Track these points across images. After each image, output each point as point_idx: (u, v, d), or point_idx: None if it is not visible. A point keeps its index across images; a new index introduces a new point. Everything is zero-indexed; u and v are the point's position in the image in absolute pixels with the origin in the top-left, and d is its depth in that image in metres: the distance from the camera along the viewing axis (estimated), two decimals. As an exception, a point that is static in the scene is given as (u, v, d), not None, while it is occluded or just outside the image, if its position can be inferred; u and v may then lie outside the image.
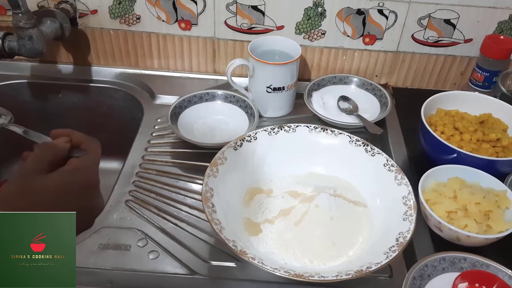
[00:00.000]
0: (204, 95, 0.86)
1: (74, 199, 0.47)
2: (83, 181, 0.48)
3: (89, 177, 0.49)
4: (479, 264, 0.59)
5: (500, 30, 0.88)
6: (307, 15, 0.87)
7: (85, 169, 0.48)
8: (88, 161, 0.49)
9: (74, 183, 0.47)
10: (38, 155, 0.49)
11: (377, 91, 0.91)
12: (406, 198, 0.64)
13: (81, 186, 0.47)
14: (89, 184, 0.49)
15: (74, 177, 0.47)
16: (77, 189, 0.47)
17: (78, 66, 0.96)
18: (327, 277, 0.54)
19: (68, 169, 0.47)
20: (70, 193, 0.46)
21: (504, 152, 0.72)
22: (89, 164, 0.49)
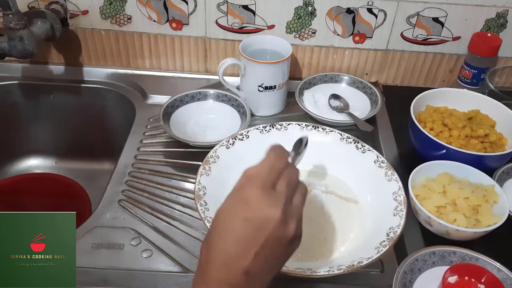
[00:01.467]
0: (196, 95, 0.87)
1: None
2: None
3: None
4: (468, 258, 0.60)
5: (488, 27, 0.89)
6: (297, 14, 0.88)
7: None
8: None
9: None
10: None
11: (368, 89, 0.91)
12: (396, 194, 0.65)
13: None
14: None
15: None
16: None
17: (69, 66, 0.96)
18: (319, 272, 0.54)
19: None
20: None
21: (492, 148, 0.74)
22: None
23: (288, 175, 0.44)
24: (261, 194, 0.41)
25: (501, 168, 0.73)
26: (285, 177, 0.44)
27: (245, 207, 0.41)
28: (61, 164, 1.04)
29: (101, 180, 0.82)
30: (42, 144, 1.02)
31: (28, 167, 1.03)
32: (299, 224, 0.44)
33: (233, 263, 0.40)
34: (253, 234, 0.40)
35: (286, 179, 0.43)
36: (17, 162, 1.03)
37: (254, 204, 0.41)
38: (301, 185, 0.46)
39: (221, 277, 0.41)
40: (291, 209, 0.43)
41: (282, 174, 0.44)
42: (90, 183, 0.97)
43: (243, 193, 0.42)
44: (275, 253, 0.42)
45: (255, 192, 0.41)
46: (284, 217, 0.41)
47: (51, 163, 1.04)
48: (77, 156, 1.03)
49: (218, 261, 0.41)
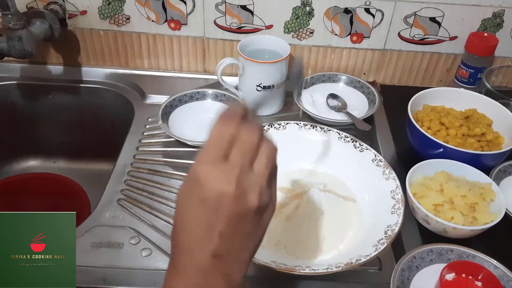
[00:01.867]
0: (195, 94, 0.87)
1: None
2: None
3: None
4: (466, 255, 0.61)
5: (484, 27, 0.90)
6: (295, 14, 0.89)
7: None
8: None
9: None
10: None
11: (365, 88, 0.92)
12: (394, 192, 0.65)
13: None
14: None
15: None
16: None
17: (68, 66, 0.96)
18: (317, 269, 0.55)
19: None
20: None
21: (488, 146, 0.74)
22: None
23: (243, 139, 0.38)
24: (210, 170, 0.37)
25: (498, 167, 0.74)
26: (239, 143, 0.38)
27: (196, 187, 0.37)
28: (60, 164, 1.04)
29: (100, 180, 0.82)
30: (41, 144, 1.02)
31: (27, 167, 1.03)
32: (265, 191, 0.39)
33: (199, 247, 0.38)
34: (211, 215, 0.37)
35: (240, 146, 0.38)
36: (16, 162, 1.03)
37: (204, 182, 0.37)
38: (263, 145, 0.39)
39: (191, 263, 0.38)
40: (250, 178, 0.38)
41: (235, 140, 0.38)
42: (88, 183, 0.97)
43: (193, 173, 0.38)
44: (242, 230, 0.38)
45: (204, 169, 0.37)
46: (241, 190, 0.37)
47: (49, 163, 1.04)
48: (76, 156, 1.03)
49: (184, 247, 0.39)
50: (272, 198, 0.40)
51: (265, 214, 0.40)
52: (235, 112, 0.39)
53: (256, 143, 0.39)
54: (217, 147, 0.37)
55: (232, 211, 0.37)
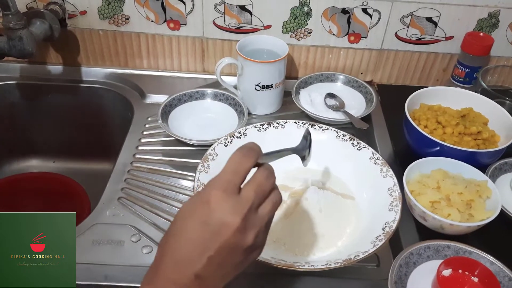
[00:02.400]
0: (194, 94, 0.88)
1: None
2: None
3: None
4: (462, 251, 0.62)
5: (480, 27, 0.91)
6: (293, 14, 0.89)
7: None
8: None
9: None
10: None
11: (363, 88, 0.93)
12: (391, 190, 0.66)
13: None
14: None
15: None
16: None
17: (67, 66, 0.97)
18: (316, 266, 0.55)
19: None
20: None
21: (484, 145, 0.75)
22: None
23: (260, 181, 0.41)
24: (222, 197, 0.39)
25: (494, 164, 0.75)
26: (253, 181, 0.40)
27: (204, 209, 0.39)
28: (59, 163, 1.04)
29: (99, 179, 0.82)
30: (40, 144, 1.03)
31: (26, 167, 1.04)
32: (262, 234, 0.41)
33: (185, 265, 0.39)
34: (208, 239, 0.39)
35: (254, 184, 0.40)
36: (15, 161, 1.04)
37: (213, 207, 0.38)
38: (274, 193, 0.42)
39: (171, 277, 0.39)
40: (254, 217, 0.40)
41: (252, 177, 0.41)
42: (88, 182, 0.97)
43: (204, 194, 0.39)
44: (230, 261, 0.40)
45: (216, 194, 0.39)
46: (243, 226, 0.39)
47: (49, 163, 1.04)
48: (75, 155, 1.04)
49: (170, 260, 0.40)
50: (263, 241, 0.43)
51: (254, 253, 0.42)
52: (254, 150, 0.42)
53: (269, 190, 0.42)
54: (233, 177, 0.40)
55: (227, 242, 0.39)
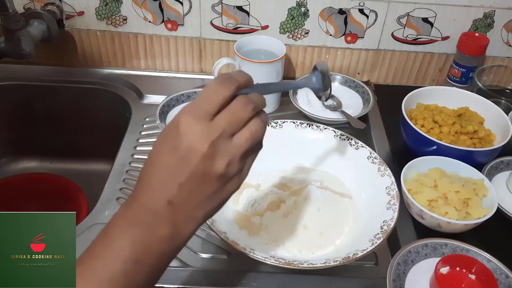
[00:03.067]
0: (192, 94, 0.88)
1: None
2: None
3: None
4: (459, 249, 0.62)
5: (475, 27, 0.92)
6: (290, 15, 0.90)
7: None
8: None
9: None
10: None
11: (360, 88, 0.93)
12: (389, 188, 0.66)
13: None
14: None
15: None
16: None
17: (65, 67, 0.97)
18: (315, 264, 0.56)
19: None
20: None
21: (481, 143, 0.76)
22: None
23: (234, 110, 0.38)
24: (191, 122, 0.37)
25: (490, 163, 0.75)
26: (228, 109, 0.38)
27: (173, 134, 0.38)
28: (57, 164, 1.04)
29: (97, 180, 0.82)
30: (38, 145, 1.02)
31: (24, 168, 1.04)
32: (237, 163, 0.39)
33: (157, 190, 0.39)
34: (177, 164, 0.38)
35: (228, 111, 0.38)
36: (12, 162, 1.03)
37: (182, 132, 0.37)
38: (253, 121, 0.40)
39: (145, 202, 0.39)
40: (226, 145, 0.38)
41: (228, 106, 0.38)
42: (86, 183, 0.97)
43: (174, 119, 0.38)
44: (202, 189, 0.39)
45: (186, 119, 0.37)
46: (211, 152, 0.37)
47: (47, 164, 1.04)
48: (73, 156, 1.04)
49: (144, 186, 0.40)
50: (242, 172, 0.41)
51: (228, 183, 0.40)
52: (233, 79, 0.39)
53: (246, 117, 0.39)
54: (206, 104, 0.38)
55: (196, 169, 0.38)
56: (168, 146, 0.38)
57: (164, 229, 0.39)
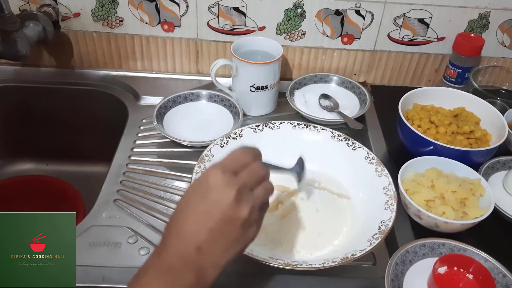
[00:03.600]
0: (189, 95, 0.88)
1: None
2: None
3: None
4: (457, 249, 0.62)
5: (471, 28, 0.92)
6: (287, 16, 0.90)
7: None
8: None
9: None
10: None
11: (356, 88, 0.94)
12: (386, 189, 0.67)
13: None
14: None
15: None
16: None
17: (61, 69, 0.96)
18: (314, 264, 0.56)
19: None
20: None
21: (477, 144, 0.76)
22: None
23: (254, 169, 0.46)
24: (220, 175, 0.43)
25: (486, 163, 0.76)
26: (249, 170, 0.45)
27: (203, 186, 0.44)
28: (53, 166, 1.04)
29: (94, 182, 0.82)
30: (34, 147, 1.02)
31: (20, 170, 1.03)
32: (257, 212, 0.45)
33: (188, 237, 0.43)
34: (208, 211, 0.43)
35: (249, 172, 0.45)
36: (8, 164, 1.03)
37: (212, 182, 0.43)
38: (266, 182, 0.47)
39: (175, 249, 0.43)
40: (249, 194, 0.44)
41: (247, 167, 0.45)
42: (83, 185, 0.97)
43: (205, 174, 0.44)
44: (228, 234, 0.43)
45: (215, 173, 0.43)
46: (237, 198, 0.42)
47: (42, 166, 1.04)
48: (70, 158, 1.03)
49: (174, 234, 0.44)
50: (258, 222, 0.46)
51: (249, 229, 0.45)
52: (255, 151, 0.48)
53: (262, 177, 0.46)
54: (232, 163, 0.45)
55: (224, 213, 0.42)
56: (199, 195, 0.44)
57: (191, 275, 0.42)
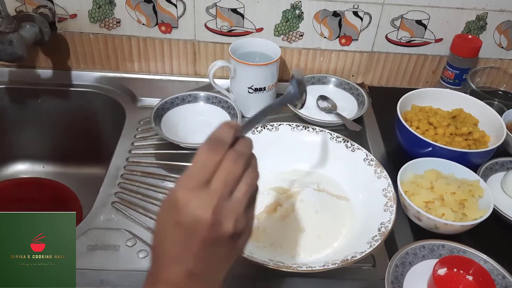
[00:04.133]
0: (187, 97, 0.87)
1: None
2: None
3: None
4: (457, 250, 0.62)
5: (468, 29, 0.93)
6: (285, 17, 0.90)
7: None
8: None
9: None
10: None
11: (354, 90, 0.94)
12: (386, 190, 0.66)
13: None
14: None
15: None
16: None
17: (57, 70, 0.96)
18: (314, 267, 0.56)
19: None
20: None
21: (475, 145, 0.76)
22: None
23: (227, 169, 0.39)
24: (188, 196, 0.37)
25: (485, 164, 0.76)
26: (221, 170, 0.38)
27: (174, 210, 0.38)
28: (50, 168, 1.03)
29: (91, 184, 0.82)
30: (30, 149, 1.01)
31: (16, 172, 1.02)
32: (242, 218, 0.39)
33: (174, 265, 0.39)
34: (187, 238, 0.38)
35: (223, 175, 0.38)
36: (4, 167, 1.02)
37: (182, 206, 0.37)
38: (246, 174, 0.40)
39: (166, 278, 0.40)
40: (228, 205, 0.38)
41: (220, 166, 0.38)
42: (80, 187, 0.96)
43: (171, 196, 0.38)
44: (217, 253, 0.40)
45: (183, 194, 0.38)
46: (216, 218, 0.37)
47: (39, 168, 1.03)
48: (66, 160, 1.02)
49: (160, 262, 0.40)
50: (248, 224, 0.41)
51: (240, 238, 0.41)
52: (223, 140, 0.39)
53: (240, 172, 0.39)
54: (199, 173, 0.38)
55: (206, 237, 0.38)
56: (171, 223, 0.38)
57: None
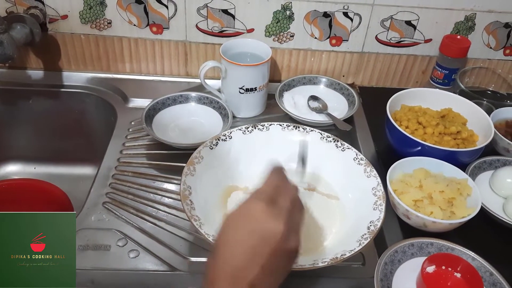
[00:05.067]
0: (178, 97, 0.88)
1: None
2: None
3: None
4: (445, 248, 0.63)
5: (457, 30, 0.94)
6: (276, 18, 0.90)
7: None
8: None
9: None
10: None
11: (345, 90, 0.94)
12: (375, 189, 0.67)
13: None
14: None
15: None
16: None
17: (48, 71, 0.96)
18: (304, 265, 0.56)
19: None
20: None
21: (464, 144, 0.77)
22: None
23: (290, 191, 0.46)
24: (264, 208, 0.42)
25: (473, 163, 0.77)
26: (286, 193, 0.46)
27: (249, 219, 0.42)
28: (41, 169, 1.03)
29: (82, 185, 0.82)
30: (21, 150, 1.01)
31: (6, 173, 1.02)
32: (299, 235, 0.45)
33: (240, 275, 0.40)
34: (259, 246, 0.41)
35: (287, 196, 0.45)
36: (-5, 168, 1.02)
37: (258, 216, 0.42)
38: (299, 202, 0.48)
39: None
40: (293, 222, 0.44)
41: (284, 191, 0.46)
42: (71, 188, 0.95)
43: (246, 206, 0.43)
44: (279, 266, 0.43)
45: (259, 205, 0.42)
46: (287, 231, 0.42)
47: (30, 169, 1.02)
48: (57, 161, 1.02)
49: (224, 273, 0.41)
50: (301, 242, 0.46)
51: (295, 257, 0.45)
52: (284, 170, 0.49)
53: (295, 197, 0.47)
54: (269, 190, 0.45)
55: (276, 248, 0.41)
56: (246, 231, 0.42)
57: None
